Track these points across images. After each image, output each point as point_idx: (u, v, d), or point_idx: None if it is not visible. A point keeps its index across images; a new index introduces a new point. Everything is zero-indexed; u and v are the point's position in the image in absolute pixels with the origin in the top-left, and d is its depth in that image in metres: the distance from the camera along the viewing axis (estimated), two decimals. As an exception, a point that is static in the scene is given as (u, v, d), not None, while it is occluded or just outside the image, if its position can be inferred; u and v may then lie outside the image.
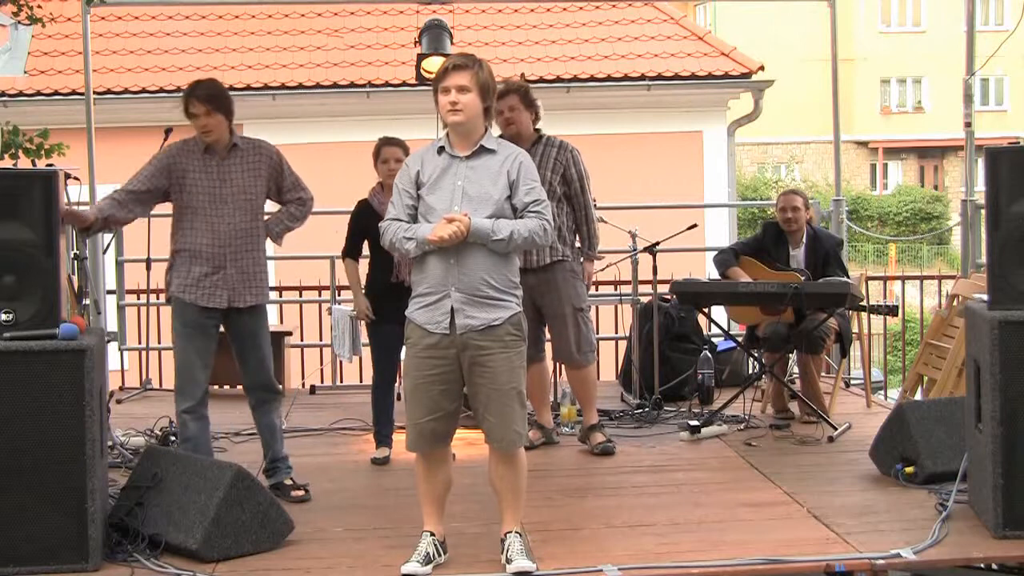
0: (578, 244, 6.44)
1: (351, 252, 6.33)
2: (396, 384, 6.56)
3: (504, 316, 4.44)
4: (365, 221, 6.10)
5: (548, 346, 6.56)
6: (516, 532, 4.51)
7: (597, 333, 7.72)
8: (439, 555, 4.48)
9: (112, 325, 8.15)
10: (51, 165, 6.07)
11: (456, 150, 4.50)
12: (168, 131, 7.07)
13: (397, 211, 4.50)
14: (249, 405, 5.69)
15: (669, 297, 7.65)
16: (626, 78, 14.39)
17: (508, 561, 4.42)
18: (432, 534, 4.51)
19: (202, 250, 5.41)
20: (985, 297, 4.82)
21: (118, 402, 7.75)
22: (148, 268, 7.96)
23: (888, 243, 31.41)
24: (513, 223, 4.43)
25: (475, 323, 4.41)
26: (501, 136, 5.84)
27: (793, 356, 7.35)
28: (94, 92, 8.44)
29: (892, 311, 6.98)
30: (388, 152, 6.11)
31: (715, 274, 7.32)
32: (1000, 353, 4.59)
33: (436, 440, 4.52)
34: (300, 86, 14.20)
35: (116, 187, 5.43)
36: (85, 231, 5.45)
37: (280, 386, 8.17)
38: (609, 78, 14.33)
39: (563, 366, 6.72)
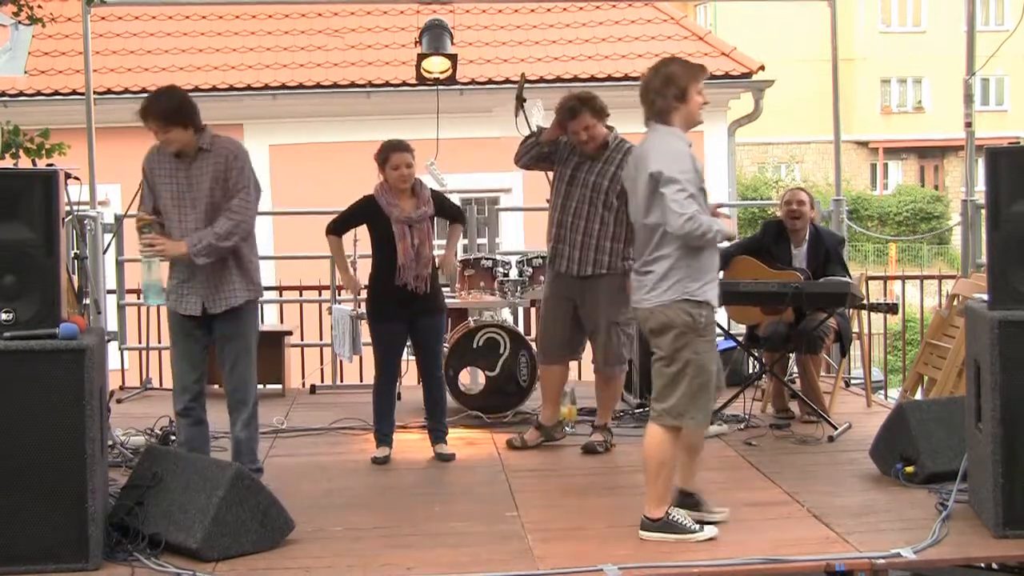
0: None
1: (337, 230, 6.30)
2: (398, 383, 6.56)
3: None
4: (367, 217, 6.16)
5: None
6: None
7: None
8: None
9: (112, 325, 8.15)
10: (51, 165, 6.06)
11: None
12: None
13: (696, 205, 4.80)
14: None
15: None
16: (626, 78, 14.33)
17: None
18: None
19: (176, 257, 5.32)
20: (985, 297, 4.82)
21: (118, 402, 7.75)
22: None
23: (888, 243, 31.39)
24: None
25: None
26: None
27: (793, 356, 7.35)
28: (94, 92, 8.44)
29: (892, 309, 6.98)
30: (398, 159, 6.08)
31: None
32: (1000, 353, 4.59)
33: None
34: (300, 86, 14.20)
35: (116, 187, 5.41)
36: None
37: (287, 389, 8.18)
38: (609, 78, 14.31)
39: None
